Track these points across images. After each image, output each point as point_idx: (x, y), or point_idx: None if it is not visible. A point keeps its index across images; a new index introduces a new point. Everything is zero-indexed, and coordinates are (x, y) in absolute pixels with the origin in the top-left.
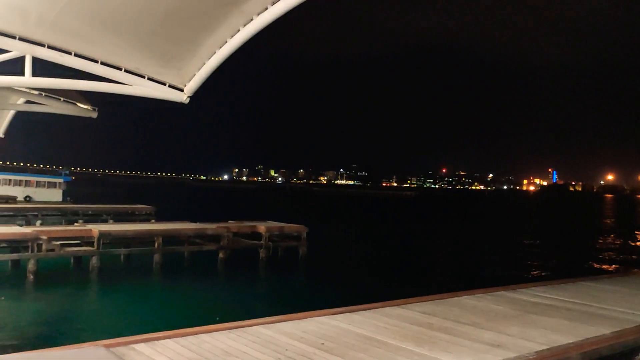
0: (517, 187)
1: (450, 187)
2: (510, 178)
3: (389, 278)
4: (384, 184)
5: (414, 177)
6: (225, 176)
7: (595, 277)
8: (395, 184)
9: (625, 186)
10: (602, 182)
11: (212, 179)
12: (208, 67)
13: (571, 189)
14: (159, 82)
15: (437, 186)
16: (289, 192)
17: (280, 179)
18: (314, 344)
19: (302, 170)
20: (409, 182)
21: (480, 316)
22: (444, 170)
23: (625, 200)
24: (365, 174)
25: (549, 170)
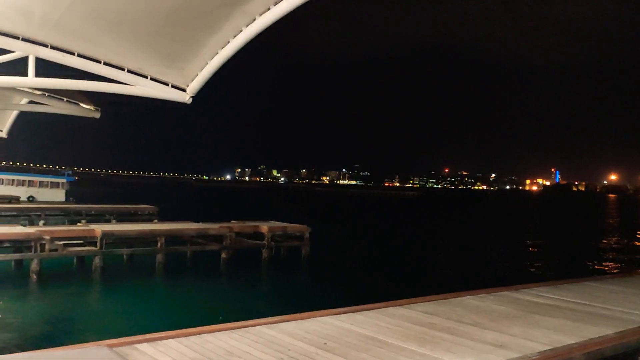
0: (520, 187)
1: (453, 187)
2: (512, 178)
3: (391, 278)
4: (386, 184)
5: (416, 177)
6: (228, 176)
7: (598, 277)
8: (397, 184)
9: (629, 186)
10: (605, 182)
11: (215, 179)
12: (210, 68)
13: (574, 189)
14: (161, 82)
15: (439, 186)
16: (292, 192)
17: (282, 179)
18: (316, 344)
19: (304, 170)
20: (411, 182)
21: (483, 316)
22: (446, 170)
23: (629, 200)
24: (368, 174)
25: (552, 170)
